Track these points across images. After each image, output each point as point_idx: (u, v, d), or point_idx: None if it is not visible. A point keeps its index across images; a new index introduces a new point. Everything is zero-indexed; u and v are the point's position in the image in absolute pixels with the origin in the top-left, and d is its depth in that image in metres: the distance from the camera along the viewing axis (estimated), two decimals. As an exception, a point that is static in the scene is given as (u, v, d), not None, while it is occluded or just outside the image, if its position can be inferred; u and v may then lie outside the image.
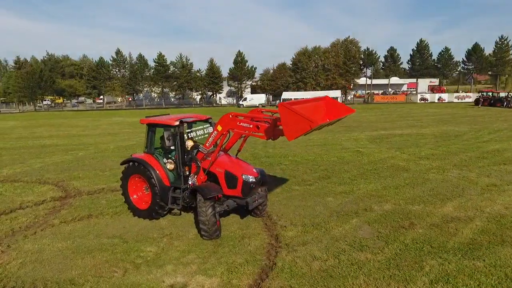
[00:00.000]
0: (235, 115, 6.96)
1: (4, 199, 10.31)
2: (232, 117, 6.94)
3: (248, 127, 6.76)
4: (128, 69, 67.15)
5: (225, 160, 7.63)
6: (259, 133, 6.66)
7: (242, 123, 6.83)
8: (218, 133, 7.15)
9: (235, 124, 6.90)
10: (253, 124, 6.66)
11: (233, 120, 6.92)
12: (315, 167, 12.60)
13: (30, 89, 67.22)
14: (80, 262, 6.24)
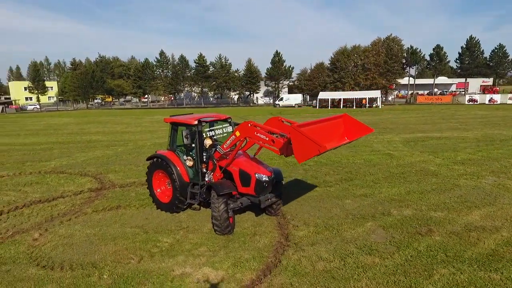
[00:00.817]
0: (253, 124, 7.07)
1: (49, 188, 11.47)
2: (250, 126, 7.06)
3: (264, 138, 6.91)
4: (171, 70, 70.17)
5: (241, 159, 7.87)
6: (273, 147, 6.80)
7: (259, 133, 6.97)
8: (235, 138, 7.34)
9: (252, 134, 7.05)
10: (269, 137, 6.80)
11: (251, 129, 7.05)
12: (338, 169, 12.43)
13: (83, 88, 72.88)
14: (103, 248, 6.84)
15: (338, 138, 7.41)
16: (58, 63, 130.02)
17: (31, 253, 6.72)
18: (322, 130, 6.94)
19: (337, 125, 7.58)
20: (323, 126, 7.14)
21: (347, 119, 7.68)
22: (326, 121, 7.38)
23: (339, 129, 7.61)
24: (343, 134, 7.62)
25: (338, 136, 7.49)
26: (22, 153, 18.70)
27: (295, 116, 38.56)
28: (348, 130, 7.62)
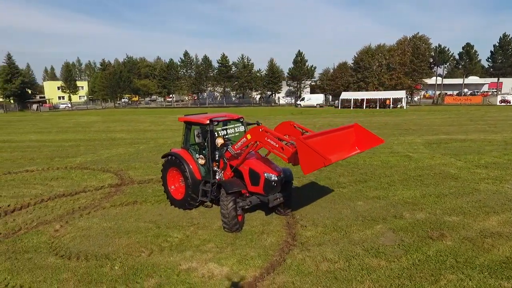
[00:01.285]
0: (265, 130, 7.13)
1: (73, 183, 12.09)
2: (261, 131, 7.13)
3: (273, 145, 6.99)
4: (194, 70, 71.50)
5: (251, 158, 7.98)
6: (282, 155, 6.87)
7: (269, 139, 7.04)
8: (246, 141, 7.45)
9: (262, 139, 7.14)
10: (279, 144, 6.87)
11: (262, 134, 7.13)
12: (354, 170, 12.27)
13: (111, 88, 75.71)
14: (117, 240, 7.17)
15: (348, 149, 7.39)
16: (88, 64, 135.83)
17: (51, 243, 7.15)
18: (330, 142, 6.95)
19: (347, 135, 7.54)
20: (332, 137, 7.14)
21: (358, 129, 7.64)
22: (336, 132, 7.35)
23: (349, 139, 7.57)
24: (354, 144, 7.58)
25: (348, 146, 7.45)
26: (52, 149, 19.75)
27: (316, 116, 38.24)
28: (359, 140, 7.60)
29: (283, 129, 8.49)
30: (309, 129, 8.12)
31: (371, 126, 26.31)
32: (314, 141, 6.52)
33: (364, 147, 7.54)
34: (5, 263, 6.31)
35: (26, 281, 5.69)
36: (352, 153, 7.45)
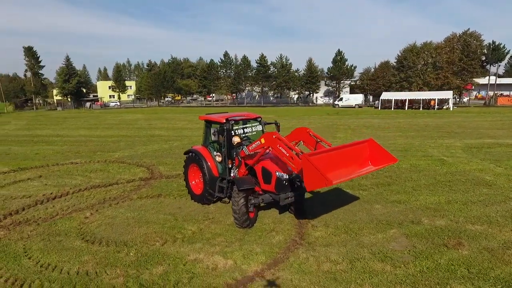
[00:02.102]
0: (278, 137, 7.21)
1: (108, 175, 13.08)
2: (274, 138, 7.23)
3: (284, 153, 7.08)
4: (233, 70, 72.83)
5: (265, 157, 8.14)
6: (292, 164, 6.93)
7: (281, 147, 7.13)
8: (260, 144, 7.61)
9: (275, 145, 7.26)
10: (290, 154, 6.94)
11: (274, 141, 7.25)
12: (378, 173, 11.89)
13: (156, 87, 79.63)
14: (136, 229, 7.72)
15: (359, 165, 7.21)
16: (137, 65, 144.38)
17: (80, 228, 7.89)
18: (339, 158, 6.85)
19: (360, 150, 7.36)
20: (342, 153, 7.00)
21: (372, 144, 7.45)
22: (347, 147, 7.21)
23: (362, 155, 7.37)
24: (367, 159, 7.39)
25: (360, 162, 7.27)
26: (96, 144, 21.41)
27: (352, 117, 37.20)
28: (373, 156, 7.41)
29: (298, 135, 8.53)
30: (324, 138, 8.06)
31: (410, 128, 25.13)
32: (320, 157, 6.46)
33: (377, 164, 7.34)
34: (39, 244, 7.11)
35: (54, 260, 6.38)
36: (364, 170, 7.24)
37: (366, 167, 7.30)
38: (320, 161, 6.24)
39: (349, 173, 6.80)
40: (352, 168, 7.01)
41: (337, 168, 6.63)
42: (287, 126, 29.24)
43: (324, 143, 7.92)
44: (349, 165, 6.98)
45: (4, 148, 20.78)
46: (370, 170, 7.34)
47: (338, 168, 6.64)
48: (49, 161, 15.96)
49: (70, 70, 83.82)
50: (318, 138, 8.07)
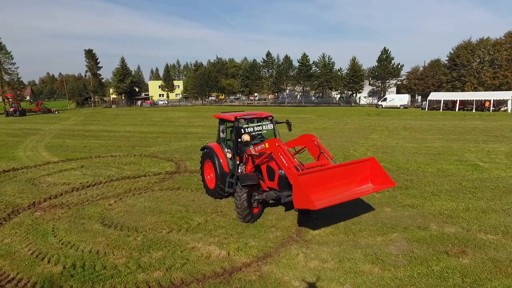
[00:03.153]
0: (280, 146, 7.37)
1: (140, 168, 14.12)
2: (277, 145, 7.42)
3: (283, 162, 7.26)
4: (275, 69, 73.08)
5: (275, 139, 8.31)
6: (290, 174, 7.05)
7: (281, 155, 7.30)
8: (264, 148, 7.85)
9: (276, 153, 7.48)
10: (289, 164, 7.10)
11: (276, 149, 7.45)
12: (400, 176, 11.44)
13: (201, 87, 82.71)
14: (149, 218, 8.38)
15: (356, 184, 7.11)
16: (186, 65, 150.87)
17: (102, 214, 8.76)
18: (332, 178, 6.82)
19: (359, 169, 7.25)
20: (337, 172, 6.95)
21: (374, 164, 7.30)
22: (344, 166, 7.14)
23: (361, 173, 7.25)
24: (367, 178, 7.27)
25: (357, 181, 7.17)
26: (137, 139, 23.05)
27: (394, 118, 35.50)
28: (373, 176, 7.28)
29: (303, 142, 8.58)
30: (327, 150, 8.01)
31: (453, 131, 23.48)
32: (311, 177, 6.50)
33: (376, 184, 7.21)
34: (65, 224, 8.06)
35: (73, 240, 7.21)
36: (360, 189, 7.13)
37: (364, 185, 7.20)
38: (310, 181, 6.33)
39: (340, 194, 6.75)
40: (346, 188, 6.93)
41: (328, 188, 6.64)
42: (322, 126, 28.88)
43: (326, 155, 7.88)
44: (343, 184, 6.92)
45: (59, 141, 23.24)
46: (367, 191, 7.18)
47: (329, 189, 6.64)
48: (93, 154, 17.60)
49: (125, 70, 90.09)
50: (322, 148, 8.02)
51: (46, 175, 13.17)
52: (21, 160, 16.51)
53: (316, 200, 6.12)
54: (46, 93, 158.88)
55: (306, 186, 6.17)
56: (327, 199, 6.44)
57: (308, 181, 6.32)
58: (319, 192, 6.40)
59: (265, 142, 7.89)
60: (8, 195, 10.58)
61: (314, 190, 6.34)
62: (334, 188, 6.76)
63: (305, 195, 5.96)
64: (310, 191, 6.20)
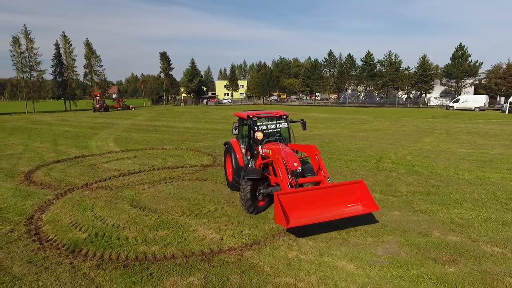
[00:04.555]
0: (279, 158, 7.88)
1: (181, 160, 15.57)
2: (277, 157, 7.97)
3: (279, 174, 7.78)
4: (337, 69, 71.20)
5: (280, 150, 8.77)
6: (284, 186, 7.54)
7: (279, 167, 7.77)
8: (268, 153, 8.53)
9: (275, 163, 8.08)
10: (285, 180, 7.54)
11: (276, 161, 8.01)
12: (427, 181, 10.80)
13: (262, 86, 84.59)
14: (169, 203, 9.47)
15: (340, 206, 7.24)
16: (252, 65, 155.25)
17: (134, 196, 10.13)
18: (315, 199, 7.09)
19: (346, 191, 7.38)
20: (322, 193, 7.19)
21: (362, 188, 7.36)
22: (332, 188, 7.39)
23: (349, 196, 7.34)
24: (357, 200, 7.34)
25: (344, 203, 7.29)
26: (190, 134, 25.02)
27: (463, 121, 32.16)
28: (363, 198, 7.35)
29: (307, 151, 8.83)
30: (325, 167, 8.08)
31: (526, 137, 20.64)
32: (293, 198, 6.87)
33: (364, 207, 7.25)
34: (103, 203, 9.55)
35: (104, 215, 8.60)
36: (348, 210, 7.23)
37: (353, 207, 7.26)
38: (291, 201, 6.75)
39: (324, 214, 6.98)
40: (332, 209, 7.10)
41: (312, 208, 6.94)
42: (375, 127, 27.72)
43: (323, 172, 7.99)
44: (329, 205, 7.12)
45: (126, 134, 26.41)
46: (355, 212, 7.19)
47: (313, 209, 6.94)
48: (148, 146, 19.79)
49: (194, 71, 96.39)
50: (321, 165, 8.13)
51: (104, 162, 15.37)
52: (91, 149, 19.37)
53: (295, 218, 6.60)
54: (130, 92, 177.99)
55: (286, 205, 6.64)
56: (307, 218, 6.76)
57: (288, 200, 6.75)
58: (299, 211, 6.79)
59: (270, 147, 8.40)
60: (70, 176, 12.74)
61: (294, 209, 6.76)
62: (318, 208, 7.02)
63: (281, 213, 6.45)
64: (290, 209, 6.66)
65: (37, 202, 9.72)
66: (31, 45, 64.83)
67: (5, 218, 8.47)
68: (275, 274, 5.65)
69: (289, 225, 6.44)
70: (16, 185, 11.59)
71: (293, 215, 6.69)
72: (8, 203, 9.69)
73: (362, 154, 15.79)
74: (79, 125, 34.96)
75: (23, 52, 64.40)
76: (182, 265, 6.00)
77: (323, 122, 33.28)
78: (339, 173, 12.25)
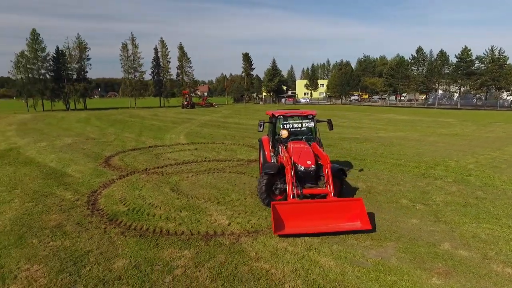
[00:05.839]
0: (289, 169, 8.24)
1: (232, 154, 16.76)
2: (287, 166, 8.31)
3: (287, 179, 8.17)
4: (426, 66, 64.66)
5: (297, 148, 9.11)
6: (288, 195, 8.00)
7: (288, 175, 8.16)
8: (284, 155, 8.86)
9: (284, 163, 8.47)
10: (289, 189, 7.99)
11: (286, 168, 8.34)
12: (475, 192, 9.67)
13: (341, 86, 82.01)
14: (202, 190, 10.57)
15: (340, 220, 7.28)
16: (335, 64, 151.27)
17: (177, 182, 11.55)
18: (309, 211, 7.31)
19: (343, 207, 7.40)
20: (317, 207, 7.38)
21: (359, 206, 7.29)
22: (328, 203, 7.53)
23: (347, 212, 7.34)
24: (357, 217, 7.27)
25: (343, 218, 7.30)
26: (251, 131, 26.23)
27: None
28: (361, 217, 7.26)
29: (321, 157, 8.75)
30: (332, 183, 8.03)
31: None
32: (287, 208, 7.27)
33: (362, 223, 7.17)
34: (150, 185, 11.19)
35: (146, 195, 10.12)
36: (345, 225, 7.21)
37: (351, 222, 7.22)
38: (286, 210, 7.18)
39: (319, 226, 7.11)
40: (328, 222, 7.20)
41: (307, 219, 7.19)
42: (454, 132, 24.97)
43: (329, 186, 8.02)
44: (326, 218, 7.23)
45: (199, 129, 29.13)
46: (353, 227, 7.15)
47: (308, 220, 7.18)
48: (211, 140, 21.67)
49: (275, 70, 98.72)
50: (329, 178, 8.11)
51: (169, 152, 17.53)
52: (164, 140, 22.12)
53: (289, 227, 7.04)
54: (218, 91, 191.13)
55: (283, 214, 7.12)
56: (299, 228, 7.09)
57: (283, 210, 7.21)
58: (293, 220, 7.16)
59: (290, 145, 8.82)
60: (137, 162, 15.02)
61: (289, 218, 7.17)
62: (313, 220, 7.22)
63: (273, 220, 7.03)
64: (286, 218, 7.12)
65: (104, 180, 11.91)
66: (135, 50, 75.24)
67: (77, 190, 10.71)
68: (256, 259, 6.16)
69: (274, 232, 6.94)
70: (96, 166, 14.25)
71: (289, 224, 7.11)
72: (84, 179, 12.11)
73: (417, 159, 14.67)
74: (165, 120, 39.60)
75: (129, 56, 75.09)
76: (184, 240, 6.95)
77: (396, 124, 31.12)
78: (376, 176, 11.80)
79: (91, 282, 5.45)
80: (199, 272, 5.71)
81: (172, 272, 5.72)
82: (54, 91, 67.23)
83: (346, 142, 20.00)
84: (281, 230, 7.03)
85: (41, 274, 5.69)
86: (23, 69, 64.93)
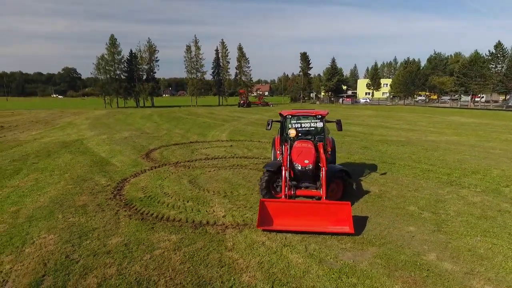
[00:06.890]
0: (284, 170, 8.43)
1: (261, 152, 17.17)
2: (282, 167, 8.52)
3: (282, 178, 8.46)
4: (507, 64, 57.03)
5: (298, 148, 9.21)
6: None
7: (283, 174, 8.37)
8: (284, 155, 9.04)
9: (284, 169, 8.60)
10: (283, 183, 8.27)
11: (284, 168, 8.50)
12: (500, 205, 8.67)
13: (405, 85, 76.57)
14: (216, 184, 11.19)
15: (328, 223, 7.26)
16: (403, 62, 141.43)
17: (197, 176, 12.40)
18: (296, 211, 7.47)
19: (330, 210, 7.37)
20: (304, 207, 7.54)
21: (346, 210, 7.21)
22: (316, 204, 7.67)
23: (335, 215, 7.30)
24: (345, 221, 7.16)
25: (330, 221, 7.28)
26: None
27: None
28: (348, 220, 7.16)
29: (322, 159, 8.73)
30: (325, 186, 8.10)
31: None
32: (275, 206, 7.53)
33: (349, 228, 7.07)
34: (174, 176, 12.20)
35: (165, 185, 11.09)
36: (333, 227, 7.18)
37: (338, 226, 7.18)
38: (273, 207, 7.47)
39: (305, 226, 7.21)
40: (315, 223, 7.26)
41: (288, 218, 7.38)
42: (503, 137, 21.94)
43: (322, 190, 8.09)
44: (313, 220, 7.31)
45: (243, 127, 30.10)
46: (340, 230, 7.10)
47: (295, 219, 7.34)
48: (250, 138, 22.34)
49: (334, 70, 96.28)
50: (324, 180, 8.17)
51: (205, 148, 18.63)
52: (207, 137, 23.45)
53: (275, 224, 7.34)
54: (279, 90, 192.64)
55: (271, 210, 7.43)
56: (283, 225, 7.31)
57: (270, 206, 7.51)
58: (281, 218, 7.41)
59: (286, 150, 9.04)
60: (173, 156, 16.32)
61: (277, 215, 7.45)
62: (299, 219, 7.35)
63: (259, 217, 7.38)
64: (274, 215, 7.42)
65: (137, 170, 13.29)
66: (198, 51, 79.73)
67: (111, 177, 12.18)
68: (231, 249, 6.55)
69: (258, 226, 7.29)
70: (136, 158, 15.88)
71: (277, 222, 7.40)
72: (122, 168, 13.65)
73: (454, 166, 13.45)
74: (217, 118, 41.54)
75: (192, 57, 79.87)
76: (176, 226, 7.64)
77: (456, 128, 28.36)
78: (396, 181, 11.20)
79: (85, 253, 6.40)
80: (174, 255, 6.31)
81: (152, 252, 6.41)
82: (127, 90, 74.81)
83: (385, 145, 19.03)
84: (264, 225, 7.30)
85: (51, 242, 6.84)
86: (103, 70, 73.45)
